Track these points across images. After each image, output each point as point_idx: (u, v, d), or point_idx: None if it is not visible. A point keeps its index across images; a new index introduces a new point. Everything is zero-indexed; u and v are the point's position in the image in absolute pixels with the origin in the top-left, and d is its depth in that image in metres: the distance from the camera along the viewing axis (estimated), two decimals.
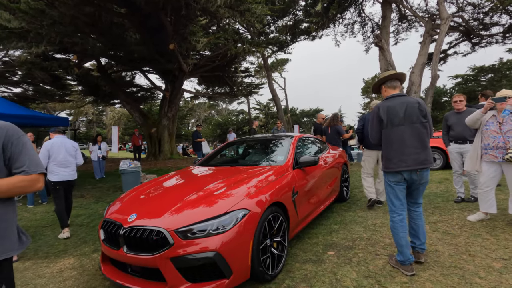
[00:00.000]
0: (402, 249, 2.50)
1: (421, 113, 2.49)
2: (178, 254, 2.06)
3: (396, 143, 2.50)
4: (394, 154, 2.51)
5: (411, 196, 2.66)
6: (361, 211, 4.30)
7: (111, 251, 2.35)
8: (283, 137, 4.01)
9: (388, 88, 2.67)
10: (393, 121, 2.51)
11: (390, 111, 2.53)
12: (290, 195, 2.93)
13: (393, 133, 2.52)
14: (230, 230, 2.15)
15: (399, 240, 2.51)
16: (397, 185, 2.55)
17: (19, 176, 1.36)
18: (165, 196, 2.66)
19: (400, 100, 2.55)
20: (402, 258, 2.50)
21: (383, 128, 2.58)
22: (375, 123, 2.64)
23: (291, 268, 2.70)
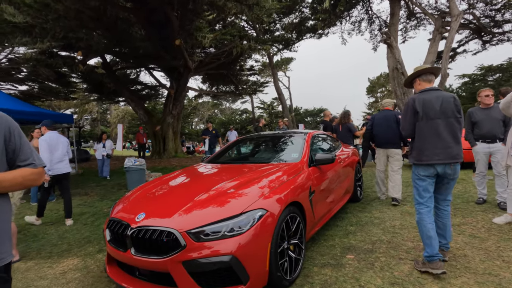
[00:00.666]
0: (430, 241, 2.40)
1: (456, 108, 2.46)
2: (190, 257, 1.88)
3: (431, 136, 2.47)
4: (428, 146, 2.48)
5: (441, 192, 2.60)
6: (377, 212, 4.10)
7: (118, 253, 2.18)
8: (296, 134, 3.83)
9: (423, 82, 2.63)
10: (429, 114, 2.48)
11: (426, 104, 2.49)
12: (307, 194, 2.74)
13: (428, 126, 2.49)
14: (247, 232, 1.97)
15: (427, 231, 2.43)
16: (428, 178, 2.51)
17: (28, 169, 1.27)
18: (175, 195, 2.49)
19: (436, 94, 2.51)
20: (430, 252, 2.38)
21: (418, 120, 2.54)
22: (409, 115, 2.59)
23: (309, 272, 2.52)
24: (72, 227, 4.20)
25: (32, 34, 7.60)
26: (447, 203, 2.61)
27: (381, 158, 4.77)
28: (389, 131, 4.58)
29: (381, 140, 4.73)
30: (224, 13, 7.88)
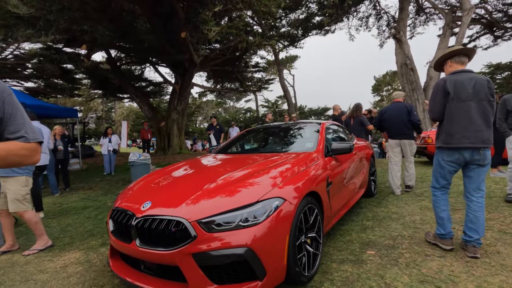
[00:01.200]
0: (443, 222, 2.45)
1: (489, 91, 2.36)
2: (201, 249, 1.70)
3: (461, 119, 2.36)
4: (458, 129, 2.37)
5: (472, 180, 2.44)
6: (393, 206, 3.88)
7: (122, 245, 2.01)
8: (308, 124, 3.62)
9: (455, 63, 2.52)
10: (460, 96, 2.37)
11: (458, 85, 2.38)
12: (324, 185, 2.54)
13: (459, 108, 2.38)
14: (264, 223, 1.78)
15: (440, 213, 2.48)
16: (450, 165, 2.44)
17: (18, 143, 1.05)
18: (182, 184, 2.31)
19: (468, 75, 2.40)
20: (442, 231, 2.45)
21: (448, 102, 2.42)
22: (439, 96, 2.47)
23: (327, 268, 2.32)
24: (75, 221, 4.06)
25: (36, 27, 7.48)
26: (481, 194, 2.41)
27: (394, 149, 4.73)
28: (401, 122, 4.58)
29: (393, 131, 4.70)
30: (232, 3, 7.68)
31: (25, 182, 3.09)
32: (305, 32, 17.38)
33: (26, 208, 3.08)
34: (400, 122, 4.60)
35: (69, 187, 6.59)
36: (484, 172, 2.40)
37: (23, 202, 3.06)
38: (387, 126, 4.78)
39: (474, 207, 2.40)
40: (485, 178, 2.44)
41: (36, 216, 3.12)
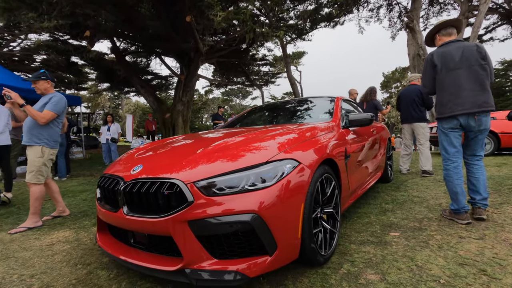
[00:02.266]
0: (456, 197, 2.41)
1: (479, 55, 2.33)
2: (199, 216, 1.40)
3: (451, 87, 2.38)
4: (449, 98, 2.40)
5: (469, 148, 2.49)
6: (414, 191, 3.54)
7: (108, 214, 1.73)
8: (321, 98, 3.29)
9: (443, 36, 2.56)
10: (448, 66, 2.39)
11: (444, 56, 2.41)
12: (342, 155, 2.22)
13: (448, 77, 2.40)
14: (274, 186, 1.48)
15: (454, 187, 2.43)
16: (452, 131, 2.44)
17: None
18: (178, 149, 2.00)
19: (456, 45, 2.42)
20: (456, 207, 2.42)
21: (437, 73, 2.46)
22: (428, 69, 2.53)
23: (345, 250, 2.01)
24: (70, 202, 3.82)
25: (38, 10, 7.29)
26: (478, 158, 2.46)
27: (406, 133, 4.87)
28: (412, 105, 4.61)
29: (403, 115, 4.80)
30: None
31: (40, 153, 2.92)
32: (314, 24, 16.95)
33: (37, 181, 2.90)
34: (409, 105, 4.64)
35: (69, 173, 6.40)
36: (481, 140, 2.42)
37: (35, 173, 2.89)
38: (400, 111, 4.86)
39: (472, 169, 2.47)
40: (482, 144, 2.45)
41: (41, 194, 2.90)
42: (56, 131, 3.08)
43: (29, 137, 2.92)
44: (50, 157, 3.01)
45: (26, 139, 2.93)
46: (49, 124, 3.00)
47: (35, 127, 2.93)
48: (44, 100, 3.02)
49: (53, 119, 2.99)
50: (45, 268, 1.96)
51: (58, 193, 3.21)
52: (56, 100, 3.01)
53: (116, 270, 1.88)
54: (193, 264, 1.42)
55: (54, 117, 3.00)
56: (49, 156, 3.00)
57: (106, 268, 1.90)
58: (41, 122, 2.90)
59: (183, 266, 1.42)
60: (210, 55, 12.88)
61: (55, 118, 3.03)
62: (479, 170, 2.44)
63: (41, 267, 1.97)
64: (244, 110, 3.79)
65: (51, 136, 3.01)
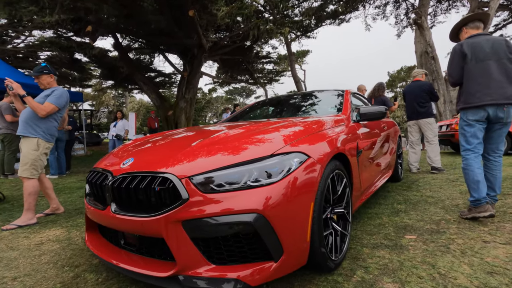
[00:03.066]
0: (478, 185, 2.33)
1: (508, 50, 2.32)
2: (194, 215, 1.23)
3: (481, 77, 2.34)
4: (478, 88, 2.35)
5: (491, 141, 2.45)
6: (427, 191, 3.33)
7: (95, 212, 1.57)
8: (330, 91, 3.10)
9: (470, 29, 2.53)
10: (478, 56, 2.36)
11: (475, 46, 2.38)
12: (354, 150, 2.04)
13: (477, 67, 2.36)
14: (281, 182, 1.30)
15: (475, 176, 2.35)
16: (477, 123, 2.39)
17: None
18: (175, 142, 1.83)
19: (485, 37, 2.40)
20: (477, 196, 2.31)
21: (466, 63, 2.41)
22: (457, 59, 2.47)
23: (357, 254, 1.82)
24: (66, 199, 3.68)
25: (39, 4, 7.18)
26: (499, 154, 2.45)
27: (412, 130, 4.77)
28: (417, 101, 4.52)
29: (411, 112, 4.70)
30: None
31: (35, 146, 2.79)
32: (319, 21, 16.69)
33: (30, 175, 2.76)
34: (414, 101, 4.56)
35: (69, 170, 6.28)
36: (504, 133, 2.41)
37: (29, 167, 2.76)
38: (406, 107, 4.79)
39: (492, 166, 2.44)
40: (503, 138, 2.43)
41: (35, 189, 2.77)
42: (54, 125, 2.96)
43: (25, 127, 2.79)
44: (45, 151, 2.87)
45: (22, 129, 2.80)
46: (48, 117, 2.87)
47: (33, 118, 2.80)
48: (46, 92, 2.91)
49: (53, 112, 2.87)
50: (30, 269, 1.80)
51: (51, 190, 3.06)
52: (58, 94, 2.90)
53: (105, 273, 1.71)
54: (188, 270, 1.25)
55: (55, 111, 2.88)
56: (44, 150, 2.86)
57: (95, 271, 1.74)
58: (41, 114, 2.78)
59: (176, 272, 1.25)
60: (213, 52, 12.72)
61: (55, 112, 2.91)
62: (498, 167, 2.45)
63: (25, 269, 1.81)
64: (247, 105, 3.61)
65: (48, 129, 2.88)
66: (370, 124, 2.71)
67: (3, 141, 5.38)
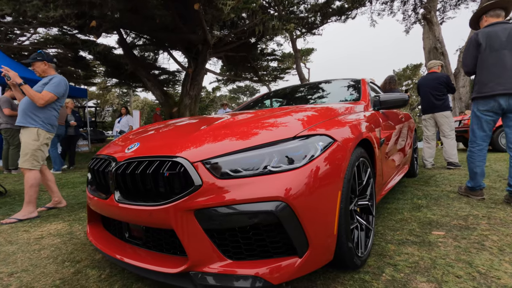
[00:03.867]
0: (475, 176, 2.51)
1: None
2: (208, 204, 1.08)
3: (494, 67, 2.33)
4: (490, 77, 2.35)
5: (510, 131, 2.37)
6: (447, 186, 3.15)
7: (97, 202, 1.43)
8: (345, 80, 2.93)
9: (490, 17, 2.48)
10: (493, 45, 2.35)
11: (490, 36, 2.37)
12: (378, 138, 1.88)
13: (491, 57, 2.35)
14: (305, 167, 1.15)
15: (474, 168, 2.51)
16: (485, 114, 2.42)
17: None
18: (184, 127, 1.68)
19: (503, 26, 2.37)
20: (473, 184, 2.55)
21: (480, 53, 2.41)
22: (471, 48, 2.48)
23: (383, 250, 1.67)
24: (69, 193, 3.57)
25: None
26: None
27: (428, 124, 4.57)
28: (433, 93, 4.32)
29: (426, 105, 4.48)
30: None
31: (35, 136, 2.68)
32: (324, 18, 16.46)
33: (31, 166, 2.65)
34: (429, 94, 4.35)
35: (73, 165, 6.19)
36: None
37: (29, 158, 2.64)
38: (422, 100, 4.59)
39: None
40: None
41: (36, 181, 2.65)
42: (54, 115, 2.83)
43: (24, 117, 2.67)
44: (46, 141, 2.75)
45: (20, 119, 2.68)
46: (47, 106, 2.75)
47: (31, 107, 2.68)
48: (44, 81, 2.78)
49: (52, 101, 2.74)
50: (28, 265, 1.67)
51: (53, 182, 2.95)
52: (56, 81, 2.77)
53: (109, 269, 1.58)
54: (201, 265, 1.10)
55: (54, 99, 2.75)
56: (45, 140, 2.74)
57: (97, 267, 1.61)
58: (39, 103, 2.66)
59: (188, 267, 1.10)
60: (218, 49, 12.58)
61: (55, 101, 2.78)
62: None
63: (23, 264, 1.68)
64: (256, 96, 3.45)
65: (47, 119, 2.76)
66: (389, 114, 2.55)
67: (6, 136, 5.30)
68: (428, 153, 4.57)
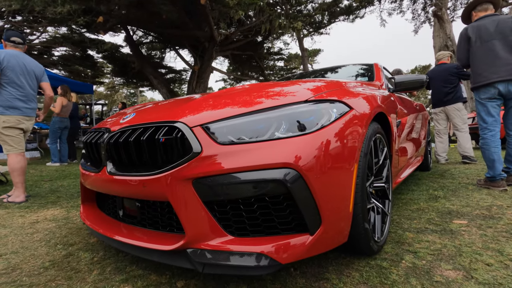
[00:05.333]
0: (493, 164, 2.44)
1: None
2: (208, 172, 0.95)
3: (487, 57, 2.42)
4: (483, 67, 2.44)
5: (509, 117, 2.48)
6: (464, 179, 2.98)
7: (89, 176, 1.32)
8: (356, 64, 2.79)
9: (479, 12, 2.59)
10: (483, 37, 2.45)
11: (480, 28, 2.47)
12: (395, 117, 1.74)
13: (482, 48, 2.46)
14: (318, 133, 1.01)
15: (490, 155, 2.46)
16: (489, 101, 2.46)
17: None
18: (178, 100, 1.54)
19: (491, 18, 2.47)
20: (492, 174, 2.46)
21: (471, 46, 2.52)
22: (463, 43, 2.60)
23: (400, 238, 1.52)
24: (69, 183, 3.49)
25: None
26: None
27: (438, 117, 4.40)
28: (445, 85, 4.14)
29: (437, 97, 4.29)
30: None
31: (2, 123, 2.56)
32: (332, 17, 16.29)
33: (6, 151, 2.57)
34: (440, 87, 4.19)
35: (74, 158, 6.15)
36: None
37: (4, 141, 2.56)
38: (431, 93, 4.43)
39: (510, 140, 2.49)
40: None
41: (17, 165, 2.58)
42: (5, 94, 2.55)
43: None
44: (5, 124, 2.55)
45: None
46: None
47: None
48: None
49: None
50: (19, 247, 1.57)
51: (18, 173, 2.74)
52: None
53: (102, 252, 1.47)
54: (199, 242, 0.98)
55: None
56: (3, 124, 2.55)
57: (90, 250, 1.50)
58: None
59: (185, 244, 0.98)
60: (224, 47, 12.53)
61: None
62: None
63: (14, 246, 1.59)
64: None
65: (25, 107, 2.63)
66: (404, 100, 2.40)
67: None
68: (441, 148, 4.38)
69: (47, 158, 6.44)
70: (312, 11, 16.19)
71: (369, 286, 1.08)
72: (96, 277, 1.21)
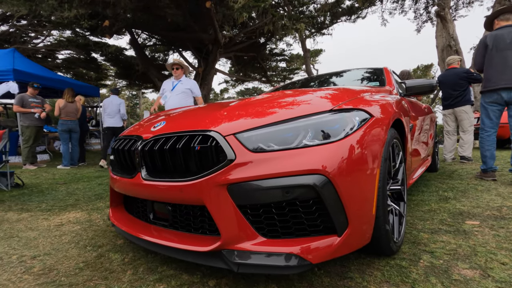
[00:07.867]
0: (485, 160, 2.86)
1: None
2: (242, 178, 1.03)
3: (498, 65, 2.62)
4: (494, 74, 2.66)
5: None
6: (472, 180, 3.03)
7: (122, 182, 1.40)
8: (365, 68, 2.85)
9: (501, 21, 2.74)
10: (498, 46, 2.63)
11: (497, 37, 2.66)
12: (408, 122, 1.80)
13: (496, 56, 2.65)
14: (344, 141, 1.08)
15: (484, 152, 2.86)
16: (491, 105, 2.74)
17: None
18: (210, 106, 1.63)
19: (509, 29, 2.62)
20: (485, 167, 2.90)
21: (487, 53, 2.71)
22: (481, 49, 2.79)
23: (415, 239, 1.58)
24: (85, 186, 3.57)
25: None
26: None
27: (448, 119, 4.56)
28: (455, 88, 4.28)
29: (447, 100, 4.45)
30: None
31: None
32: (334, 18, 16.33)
33: None
34: (450, 90, 4.34)
35: (84, 162, 6.24)
36: None
37: None
38: (442, 97, 4.62)
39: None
40: None
41: None
42: None
43: None
44: None
45: None
46: None
47: None
48: None
49: None
50: (50, 249, 1.65)
51: None
52: None
53: (132, 253, 1.54)
54: (233, 243, 1.05)
55: None
56: None
57: (120, 251, 1.57)
58: None
59: (220, 246, 1.05)
60: (228, 48, 12.61)
61: None
62: None
63: (45, 248, 1.66)
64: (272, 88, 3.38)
65: None
66: (414, 103, 2.46)
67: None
68: (448, 148, 4.49)
69: (56, 160, 6.53)
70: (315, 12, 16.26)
71: (391, 285, 1.14)
72: (131, 277, 1.28)
